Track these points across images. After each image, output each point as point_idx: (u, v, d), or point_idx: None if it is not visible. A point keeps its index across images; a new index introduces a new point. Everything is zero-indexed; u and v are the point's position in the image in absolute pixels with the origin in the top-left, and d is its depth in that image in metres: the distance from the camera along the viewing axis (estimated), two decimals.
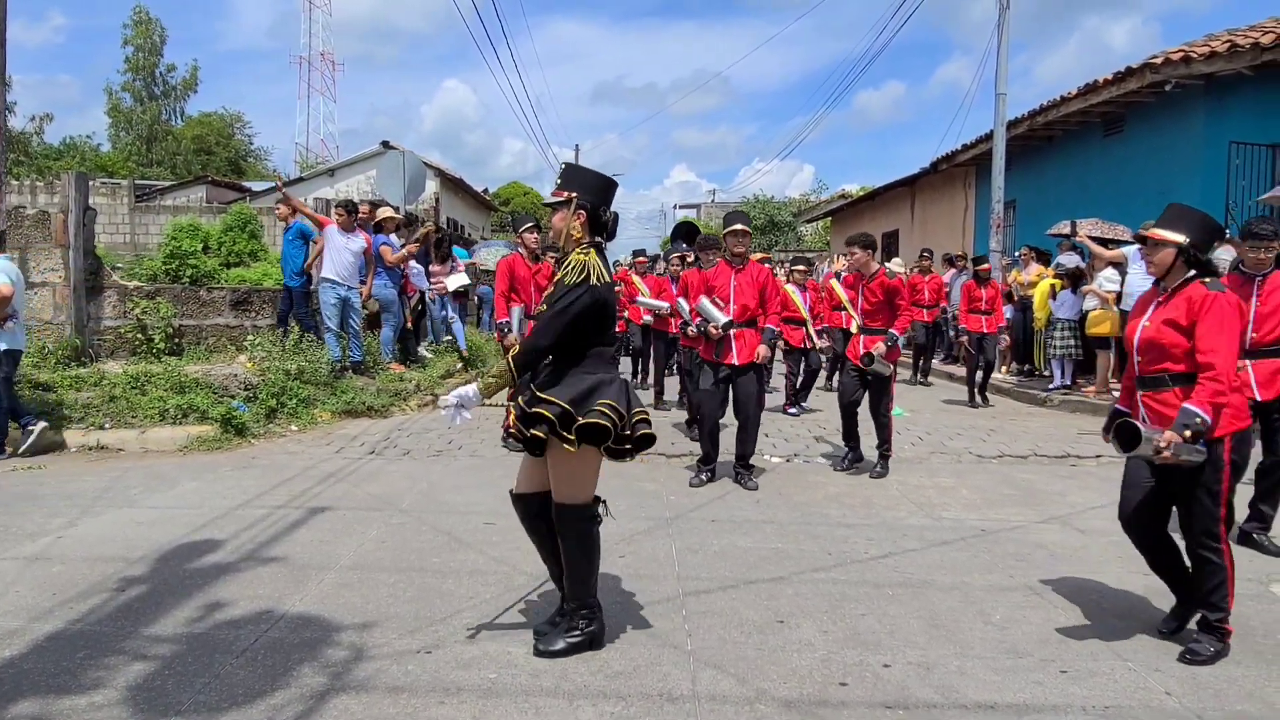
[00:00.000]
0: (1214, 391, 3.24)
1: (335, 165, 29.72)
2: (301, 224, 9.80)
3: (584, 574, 3.38)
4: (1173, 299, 3.44)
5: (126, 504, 5.47)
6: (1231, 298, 3.34)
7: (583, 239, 3.38)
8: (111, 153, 42.85)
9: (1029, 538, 5.04)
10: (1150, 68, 10.48)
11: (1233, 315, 3.31)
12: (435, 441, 7.66)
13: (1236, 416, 3.38)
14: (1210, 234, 3.49)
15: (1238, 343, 3.34)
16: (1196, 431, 3.21)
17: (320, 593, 3.97)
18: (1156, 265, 3.52)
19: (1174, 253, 3.43)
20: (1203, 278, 3.41)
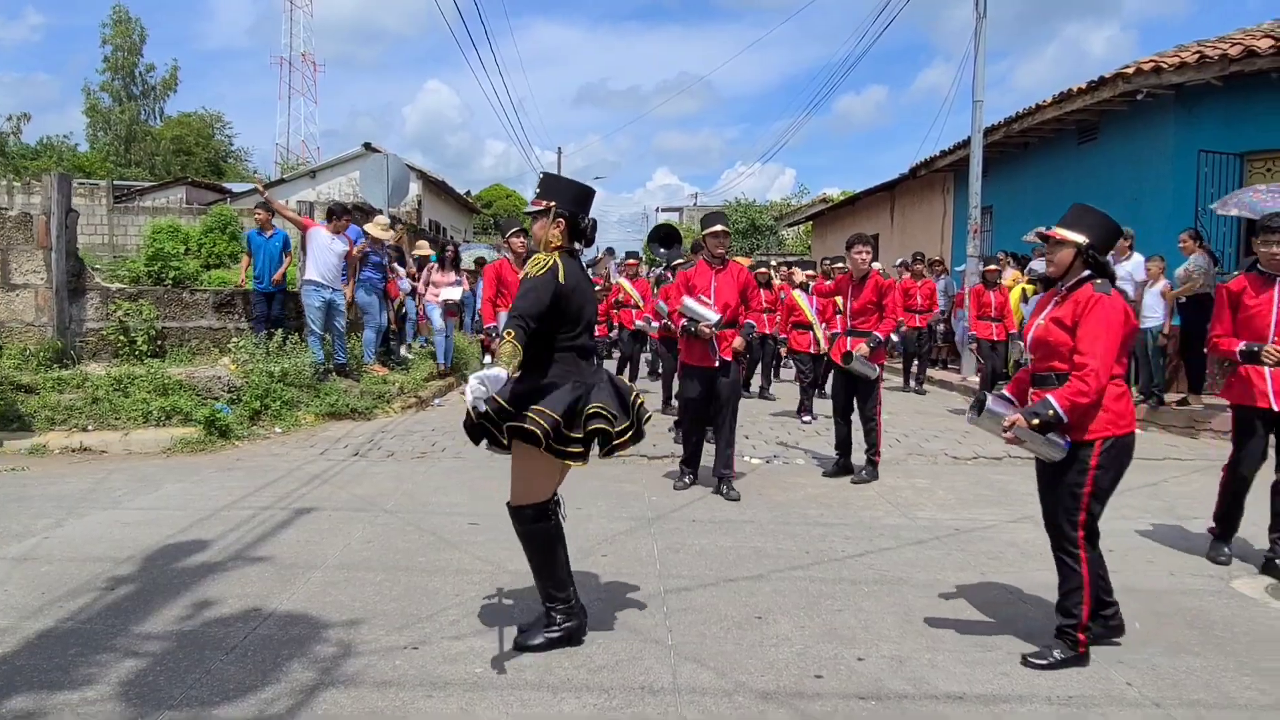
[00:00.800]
0: (1077, 390, 3.24)
1: (317, 167, 29.63)
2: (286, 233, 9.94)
3: (547, 571, 3.46)
4: (1066, 299, 3.43)
5: (112, 505, 5.50)
6: (1118, 302, 3.32)
7: (562, 246, 3.47)
8: (89, 153, 42.51)
9: (1001, 536, 5.18)
10: (1123, 77, 10.70)
11: (1116, 319, 3.28)
12: (419, 444, 7.72)
13: (1113, 422, 3.33)
14: (1111, 236, 3.46)
15: (1116, 347, 3.29)
16: (1045, 421, 3.25)
17: (308, 591, 4.04)
18: (1056, 264, 3.48)
19: (1073, 253, 3.40)
20: (1096, 279, 3.37)
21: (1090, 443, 3.32)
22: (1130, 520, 5.53)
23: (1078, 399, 3.23)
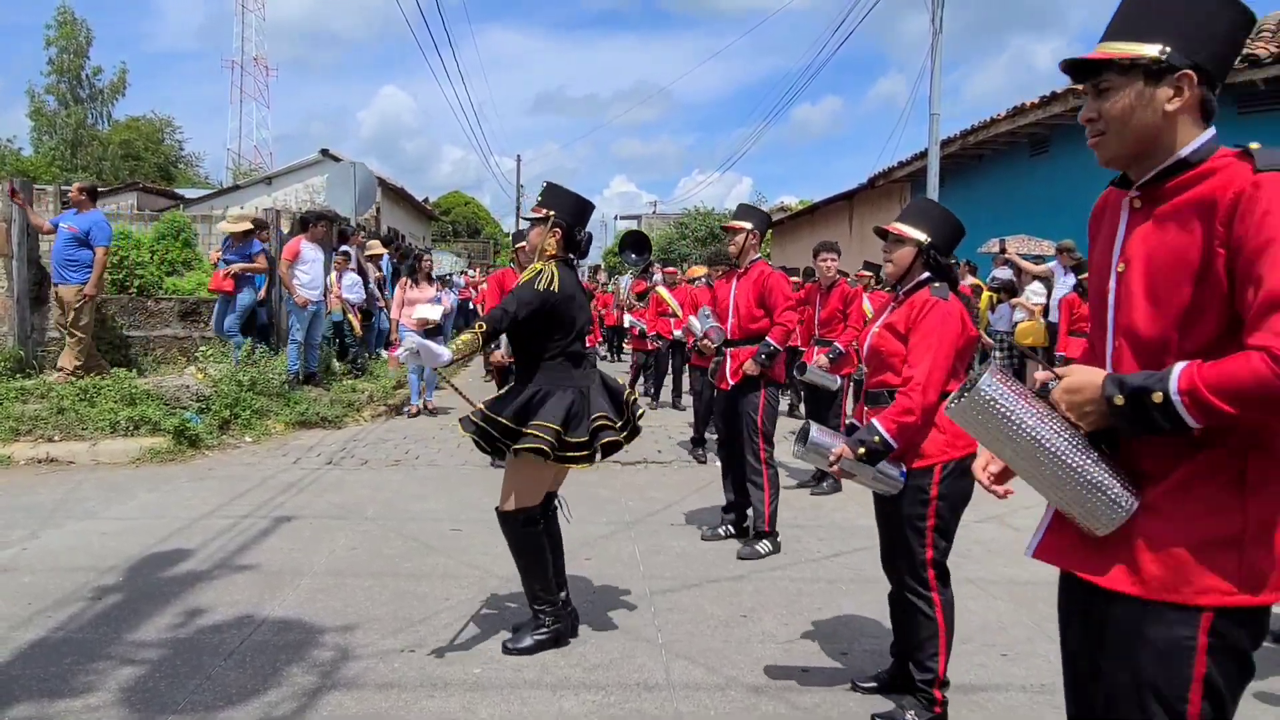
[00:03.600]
0: (902, 409, 2.84)
1: (273, 174, 29.23)
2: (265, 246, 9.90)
3: (535, 574, 3.54)
4: (902, 304, 3.09)
5: (86, 515, 5.46)
6: (953, 307, 2.98)
7: (556, 255, 3.58)
8: (34, 157, 41.43)
9: (968, 535, 5.36)
10: (1074, 93, 11.09)
11: (950, 328, 2.92)
12: (392, 451, 7.74)
13: (951, 444, 2.90)
14: (954, 234, 3.13)
15: (948, 359, 2.91)
16: (871, 449, 2.80)
17: (298, 598, 4.07)
18: (894, 264, 3.12)
19: (913, 252, 3.07)
20: (935, 282, 3.06)
21: (928, 469, 2.89)
22: None
23: (903, 419, 2.82)
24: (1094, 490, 1.56)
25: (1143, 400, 1.46)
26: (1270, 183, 1.44)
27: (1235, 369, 1.38)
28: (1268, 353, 1.35)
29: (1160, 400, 1.44)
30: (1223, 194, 1.48)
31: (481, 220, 48.53)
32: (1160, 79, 1.56)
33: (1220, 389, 1.39)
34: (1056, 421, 1.59)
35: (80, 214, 8.30)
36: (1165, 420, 1.45)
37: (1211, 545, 1.50)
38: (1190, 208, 1.54)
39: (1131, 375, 1.52)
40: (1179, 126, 1.58)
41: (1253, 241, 1.42)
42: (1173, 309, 1.53)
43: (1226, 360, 1.41)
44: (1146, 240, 1.61)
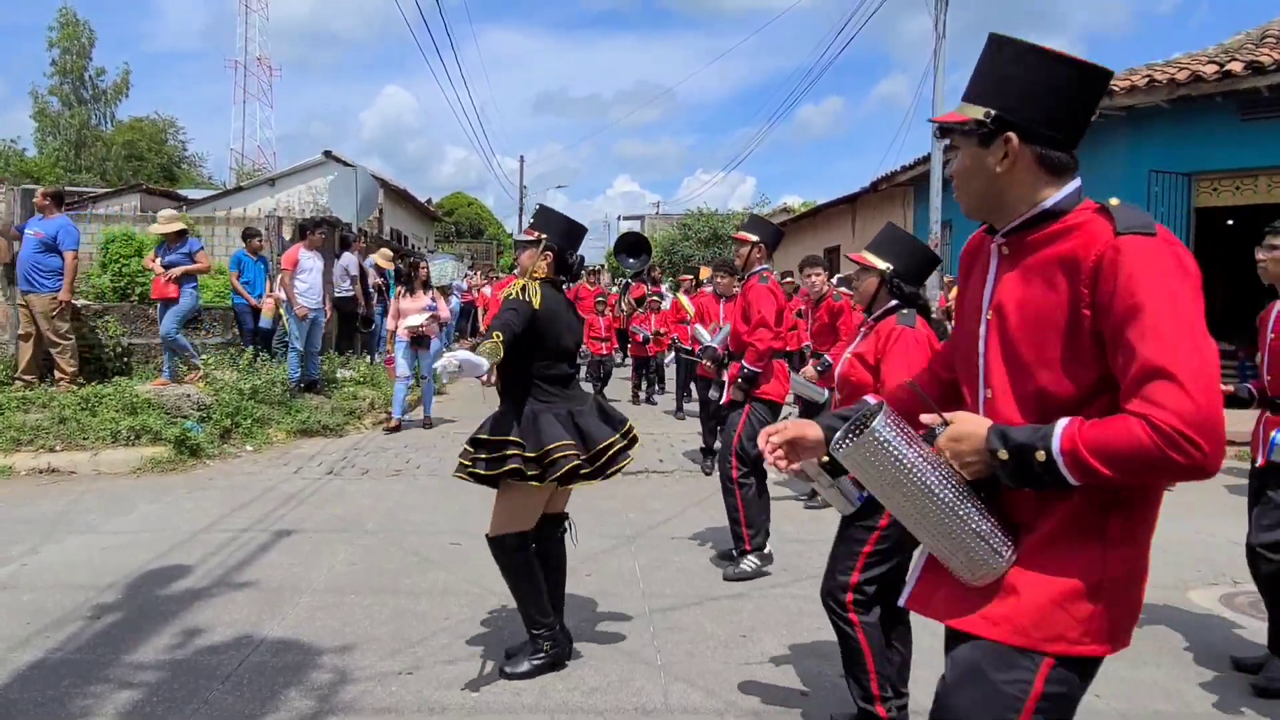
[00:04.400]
0: None
1: (276, 175, 29.30)
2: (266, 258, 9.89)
3: (530, 599, 3.51)
4: (870, 333, 3.10)
5: (87, 529, 5.46)
6: (919, 334, 2.97)
7: (546, 277, 3.57)
8: (38, 158, 41.50)
9: None
10: None
11: (918, 356, 2.88)
12: (393, 460, 7.74)
13: None
14: (923, 264, 3.11)
15: None
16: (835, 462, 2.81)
17: (297, 617, 4.07)
18: (859, 293, 3.14)
19: (876, 281, 3.08)
20: (903, 309, 3.05)
21: None
22: None
23: None
24: (979, 539, 1.56)
25: (1025, 456, 1.47)
26: (1131, 246, 1.45)
27: (1116, 433, 1.39)
28: (1147, 421, 1.36)
29: (1043, 459, 1.45)
30: (1085, 254, 1.49)
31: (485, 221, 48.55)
32: (990, 141, 1.59)
33: (1100, 451, 1.40)
34: (944, 468, 1.58)
35: (46, 219, 8.13)
36: (1047, 477, 1.46)
37: (1070, 596, 1.53)
38: (1055, 264, 1.55)
39: (1016, 429, 1.51)
40: (1020, 184, 1.60)
41: (1119, 307, 1.43)
42: (1042, 361, 1.55)
43: (1107, 422, 1.41)
44: (1014, 291, 1.61)
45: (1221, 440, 1.36)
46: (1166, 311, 1.40)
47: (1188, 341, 1.38)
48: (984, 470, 1.55)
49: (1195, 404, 1.35)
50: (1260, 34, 11.70)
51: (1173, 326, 1.39)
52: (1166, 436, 1.35)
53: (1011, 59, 1.59)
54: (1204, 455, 1.34)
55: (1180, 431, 1.34)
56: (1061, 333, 1.52)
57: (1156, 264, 1.43)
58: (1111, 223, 1.49)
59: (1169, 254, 1.45)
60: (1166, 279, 1.42)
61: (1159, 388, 1.37)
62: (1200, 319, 1.42)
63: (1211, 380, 1.37)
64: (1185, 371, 1.36)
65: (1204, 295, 1.47)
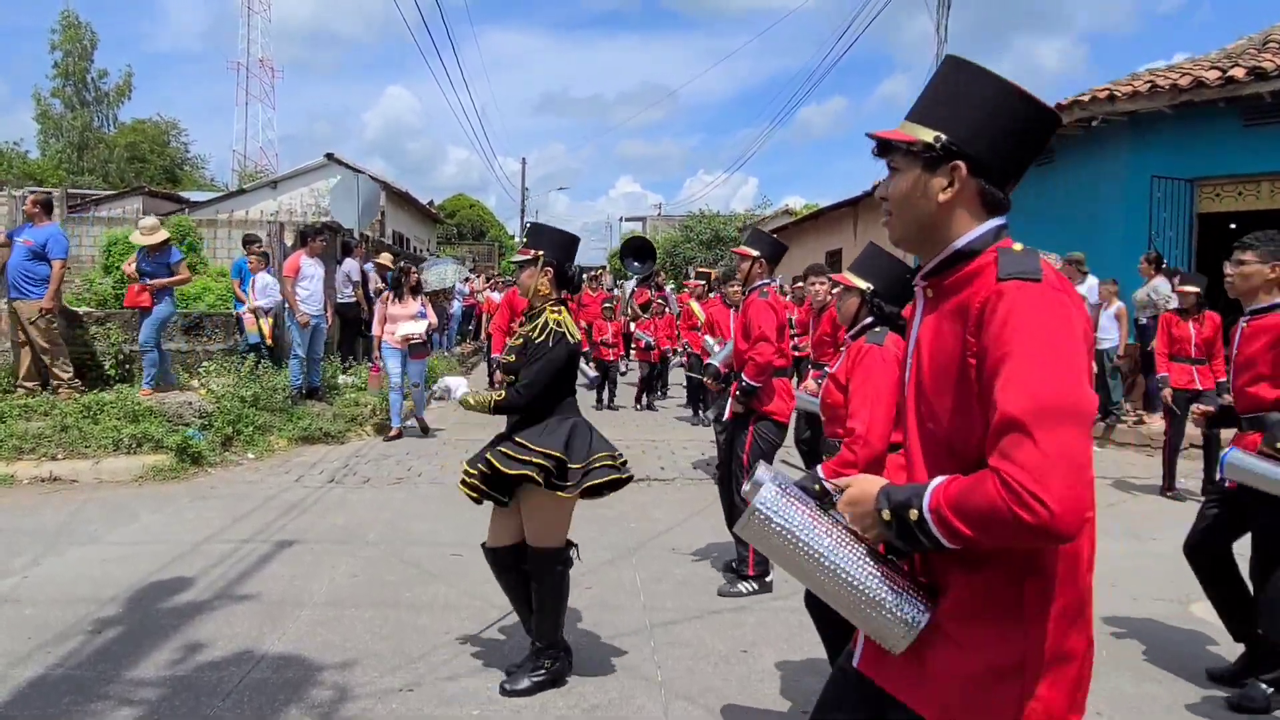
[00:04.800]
0: (845, 460, 2.84)
1: (278, 177, 29.30)
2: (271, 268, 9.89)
3: (555, 615, 3.54)
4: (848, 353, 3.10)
5: (89, 540, 5.46)
6: (887, 352, 2.95)
7: (550, 294, 3.58)
8: (41, 160, 41.54)
9: None
10: (1078, 105, 11.04)
11: (883, 373, 2.89)
12: (394, 469, 7.74)
13: None
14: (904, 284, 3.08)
15: (888, 407, 2.88)
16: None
17: (298, 631, 4.07)
18: (842, 314, 3.14)
19: (858, 301, 3.10)
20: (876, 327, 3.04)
21: None
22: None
23: (846, 471, 2.75)
24: (879, 608, 1.48)
25: (904, 516, 1.40)
26: (1010, 292, 1.38)
27: (973, 491, 1.32)
28: (999, 476, 1.29)
29: (915, 518, 1.38)
30: (974, 300, 1.43)
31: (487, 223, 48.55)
32: (936, 167, 1.52)
33: (960, 510, 1.33)
34: (838, 536, 1.51)
35: (36, 227, 8.10)
36: (924, 538, 1.38)
37: (993, 675, 1.42)
38: (956, 308, 1.48)
39: (898, 488, 1.45)
40: (956, 217, 1.53)
41: (992, 355, 1.37)
42: (946, 410, 1.48)
43: (972, 479, 1.34)
44: (928, 336, 1.55)
45: (1078, 500, 1.26)
46: (1034, 361, 1.32)
47: (1051, 393, 1.30)
48: (882, 534, 1.48)
49: (1047, 459, 1.26)
50: (1263, 38, 11.68)
51: (1037, 377, 1.31)
52: (1015, 493, 1.26)
53: (969, 85, 1.53)
54: (1050, 515, 1.25)
55: (1028, 489, 1.25)
56: (956, 380, 1.45)
57: (1032, 312, 1.36)
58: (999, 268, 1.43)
59: (1050, 302, 1.38)
60: (1039, 328, 1.35)
61: (1013, 441, 1.29)
62: (1073, 370, 1.34)
63: (1072, 436, 1.29)
64: (1042, 424, 1.28)
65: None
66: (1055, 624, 1.42)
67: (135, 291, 8.42)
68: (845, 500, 1.53)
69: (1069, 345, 1.35)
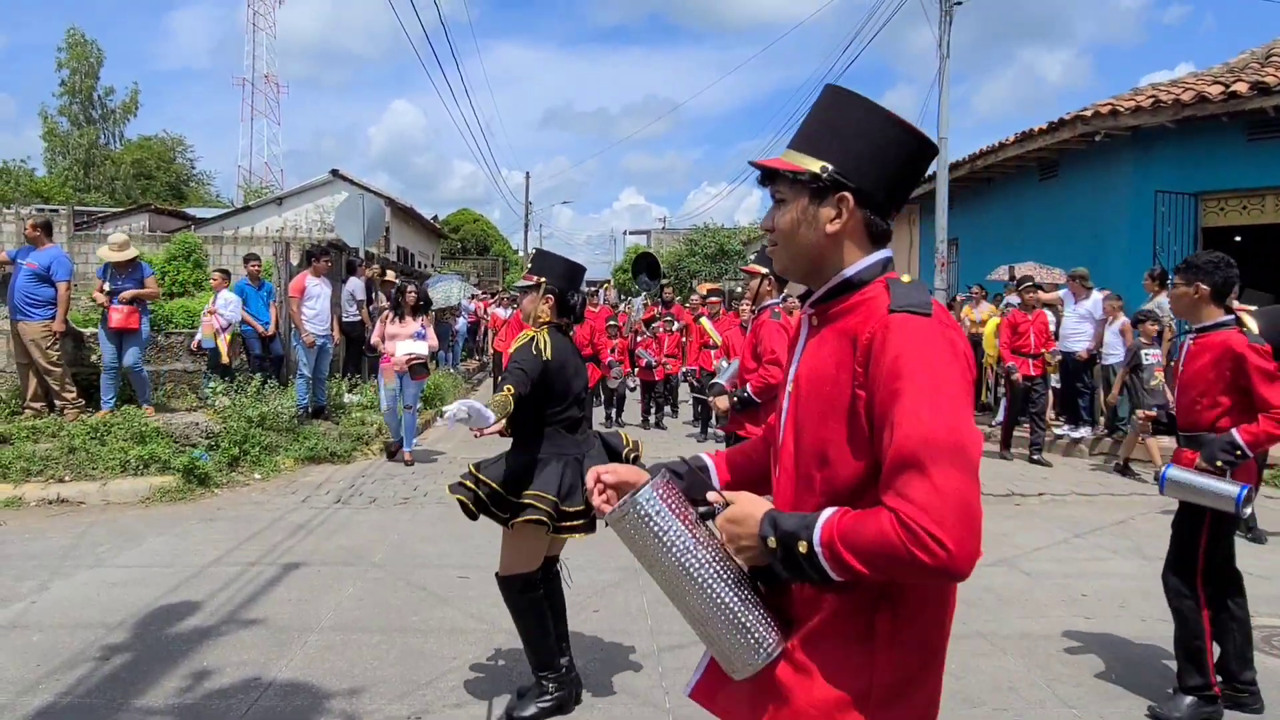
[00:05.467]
0: None
1: (283, 194, 29.51)
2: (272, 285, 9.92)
3: (536, 640, 3.51)
4: None
5: (96, 563, 5.47)
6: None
7: (550, 321, 3.59)
8: (47, 178, 41.79)
9: (978, 581, 5.33)
10: (1081, 120, 11.08)
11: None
12: (400, 489, 7.74)
13: None
14: None
15: None
16: None
17: (305, 657, 4.06)
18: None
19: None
20: None
21: None
22: (1100, 560, 5.73)
23: None
24: (736, 630, 1.44)
25: (791, 546, 1.38)
26: (899, 325, 1.37)
27: (868, 527, 1.31)
28: (896, 515, 1.28)
29: (805, 550, 1.36)
30: (862, 331, 1.42)
31: (491, 238, 48.69)
32: (824, 197, 1.50)
33: (853, 547, 1.31)
34: (712, 551, 1.48)
35: (39, 250, 8.16)
36: (812, 571, 1.37)
37: (836, 705, 1.42)
38: (842, 338, 1.47)
39: (787, 516, 1.43)
40: (843, 248, 1.52)
41: (882, 390, 1.35)
42: (825, 441, 1.45)
43: (864, 515, 1.33)
44: (810, 364, 1.53)
45: (974, 538, 1.26)
46: (926, 398, 1.31)
47: (945, 433, 1.29)
48: (758, 557, 1.45)
49: (944, 500, 1.26)
50: (1265, 53, 11.71)
51: (930, 414, 1.30)
52: (913, 533, 1.25)
53: (852, 116, 1.51)
54: (948, 555, 1.24)
55: (925, 529, 1.25)
56: (842, 412, 1.43)
57: (922, 346, 1.35)
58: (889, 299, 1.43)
59: (939, 336, 1.37)
60: (930, 363, 1.34)
61: (909, 480, 1.28)
62: (962, 406, 1.33)
63: (965, 476, 1.28)
64: (938, 464, 1.27)
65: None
66: (905, 653, 1.42)
67: (125, 314, 8.41)
68: (726, 517, 1.49)
69: (960, 383, 1.35)
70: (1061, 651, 4.27)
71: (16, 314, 8.09)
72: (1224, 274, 3.63)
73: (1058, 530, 6.51)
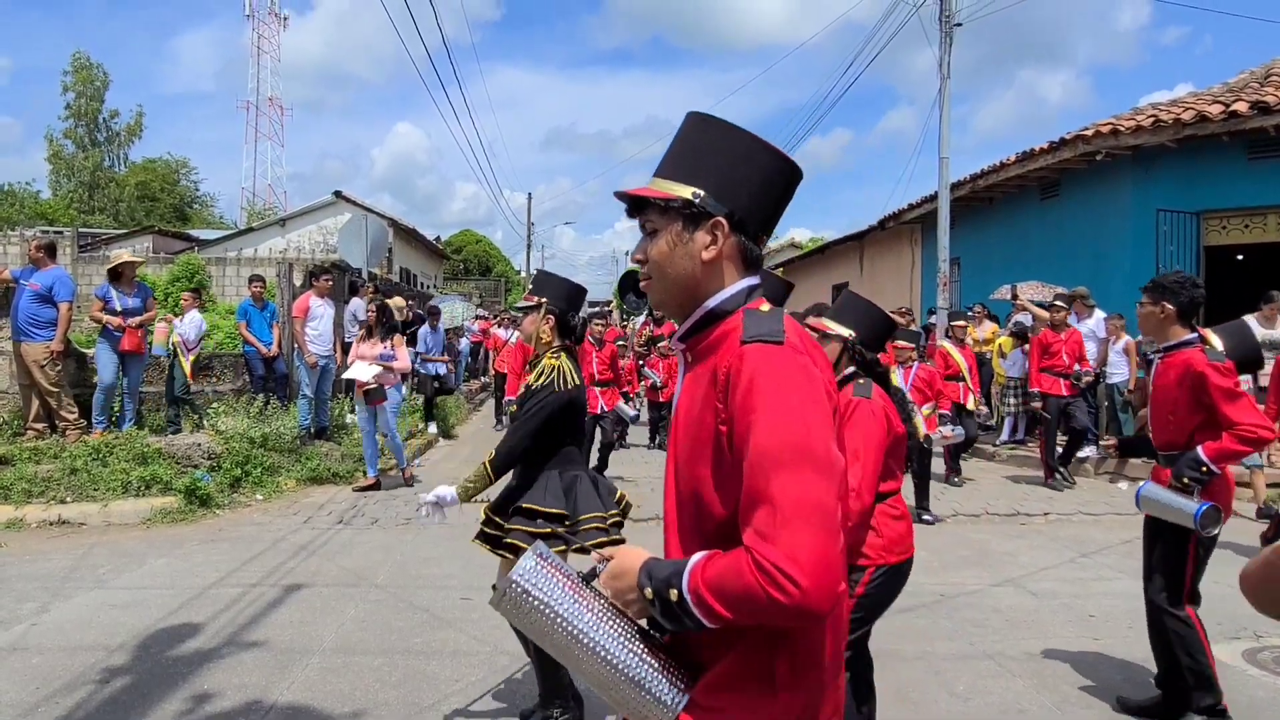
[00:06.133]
0: None
1: (286, 216, 29.64)
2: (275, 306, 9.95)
3: (548, 668, 3.47)
4: None
5: (97, 584, 5.44)
6: (875, 406, 2.96)
7: (551, 342, 3.59)
8: (52, 200, 42.04)
9: (985, 602, 5.29)
10: (1082, 139, 11.12)
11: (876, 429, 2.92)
12: (403, 509, 7.71)
13: (888, 549, 2.99)
14: (884, 329, 3.21)
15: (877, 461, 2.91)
16: None
17: (307, 680, 4.03)
18: None
19: (839, 348, 3.13)
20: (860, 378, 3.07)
21: (861, 569, 2.95)
22: (1107, 581, 5.68)
23: None
24: (639, 688, 1.39)
25: (665, 595, 1.33)
26: (751, 356, 1.33)
27: (728, 570, 1.26)
28: (751, 555, 1.22)
29: (676, 598, 1.31)
30: (721, 363, 1.38)
31: (493, 259, 48.87)
32: (697, 224, 1.45)
33: (717, 591, 1.27)
34: (599, 613, 1.43)
35: (42, 271, 8.19)
36: (686, 619, 1.31)
37: None
38: (707, 373, 1.42)
39: (661, 564, 1.38)
40: (719, 275, 1.47)
41: (739, 424, 1.31)
42: (698, 479, 1.41)
43: (727, 558, 1.28)
44: (683, 402, 1.49)
45: (830, 575, 1.21)
46: (777, 430, 1.26)
47: (796, 464, 1.24)
48: (645, 610, 1.39)
49: (797, 537, 1.20)
50: (1265, 72, 11.77)
51: (781, 447, 1.25)
52: (766, 572, 1.20)
53: (719, 141, 1.47)
54: (802, 593, 1.19)
55: (778, 566, 1.19)
56: (710, 451, 1.38)
57: (774, 377, 1.31)
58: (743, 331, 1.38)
59: (792, 365, 1.33)
60: (782, 394, 1.29)
61: (762, 516, 1.23)
62: (818, 436, 1.28)
63: (823, 509, 1.23)
64: (789, 498, 1.22)
65: None
66: (808, 692, 1.39)
67: (139, 336, 8.46)
68: (608, 574, 1.45)
69: (814, 411, 1.30)
70: (1070, 673, 4.22)
71: (19, 335, 8.11)
72: (1190, 294, 3.65)
73: (1064, 550, 6.47)
